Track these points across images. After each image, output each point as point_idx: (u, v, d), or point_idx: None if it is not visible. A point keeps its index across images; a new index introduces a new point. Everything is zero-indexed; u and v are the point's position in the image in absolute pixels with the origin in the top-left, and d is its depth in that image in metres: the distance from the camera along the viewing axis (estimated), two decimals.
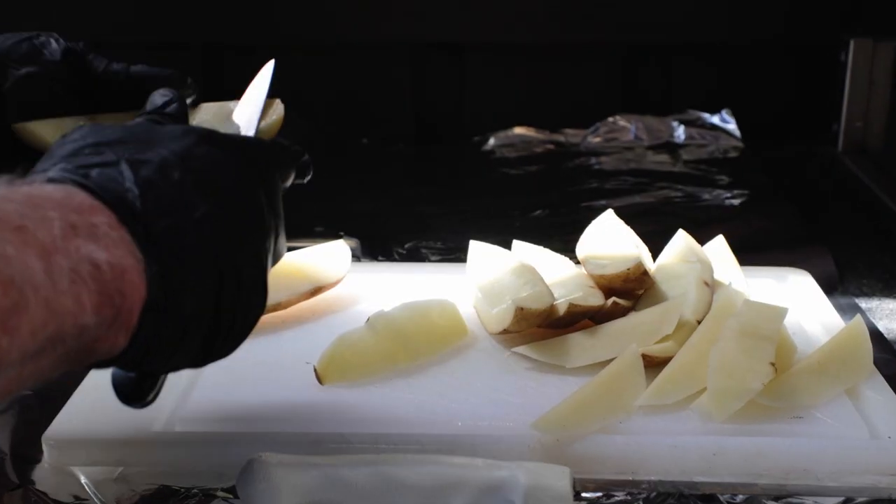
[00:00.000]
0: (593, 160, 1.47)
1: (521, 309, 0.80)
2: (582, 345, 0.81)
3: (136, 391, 0.56)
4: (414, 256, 1.12)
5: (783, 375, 0.75)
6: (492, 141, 1.55)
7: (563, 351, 0.80)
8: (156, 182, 0.53)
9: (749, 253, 0.97)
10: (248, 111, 0.71)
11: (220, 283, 0.54)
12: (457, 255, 1.08)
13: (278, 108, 0.72)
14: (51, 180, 0.52)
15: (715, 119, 1.55)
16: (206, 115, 0.72)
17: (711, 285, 0.86)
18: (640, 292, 0.87)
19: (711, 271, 0.88)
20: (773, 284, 0.96)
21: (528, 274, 0.85)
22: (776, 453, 0.69)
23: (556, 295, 0.84)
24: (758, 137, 1.53)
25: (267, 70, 0.73)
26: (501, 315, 0.82)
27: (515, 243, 0.96)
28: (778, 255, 1.06)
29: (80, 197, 0.50)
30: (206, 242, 0.54)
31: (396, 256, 1.12)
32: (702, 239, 0.93)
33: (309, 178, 0.68)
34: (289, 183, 0.65)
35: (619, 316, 0.84)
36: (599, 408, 0.72)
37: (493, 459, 0.66)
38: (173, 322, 0.52)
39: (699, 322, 0.81)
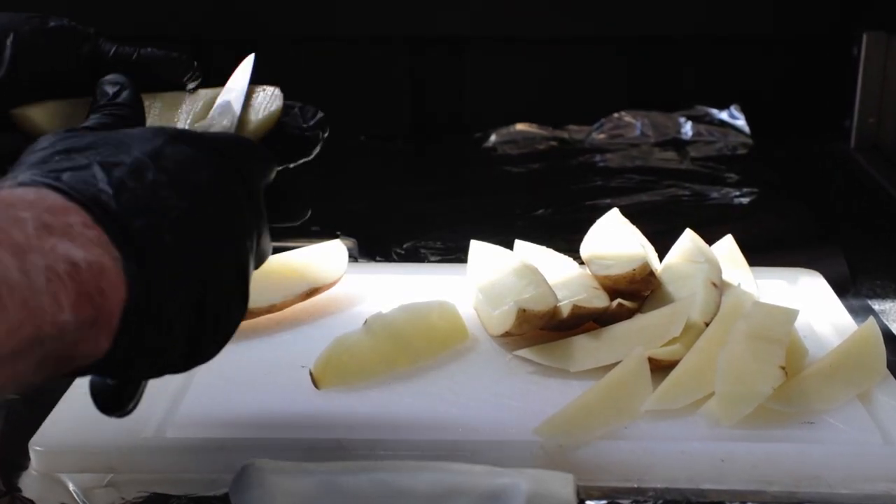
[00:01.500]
0: (598, 157, 1.47)
1: (524, 311, 0.80)
2: (586, 348, 0.81)
3: (115, 399, 0.57)
4: (413, 257, 1.12)
5: (794, 379, 0.75)
6: (493, 137, 1.55)
7: (567, 354, 0.80)
8: (129, 182, 0.53)
9: (759, 253, 0.98)
10: (229, 101, 0.71)
11: (202, 283, 0.54)
12: (457, 255, 1.08)
13: (277, 98, 0.72)
14: (21, 184, 0.52)
15: (723, 115, 1.55)
16: (199, 102, 0.72)
17: (720, 286, 0.86)
18: (647, 294, 0.87)
19: (720, 272, 0.88)
20: (784, 285, 0.96)
21: (531, 275, 0.85)
22: (786, 460, 0.69)
23: (559, 296, 0.84)
24: (768, 134, 1.53)
25: (248, 62, 0.73)
26: (503, 317, 0.82)
27: (517, 243, 0.96)
28: (788, 255, 1.06)
29: (53, 197, 0.50)
30: (185, 241, 0.54)
31: (395, 257, 1.12)
32: (710, 238, 0.94)
33: (314, 152, 0.70)
34: (271, 177, 0.65)
35: (625, 318, 0.84)
36: (604, 413, 0.72)
37: (494, 466, 0.66)
38: (156, 322, 0.52)
39: (707, 324, 0.81)
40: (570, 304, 0.82)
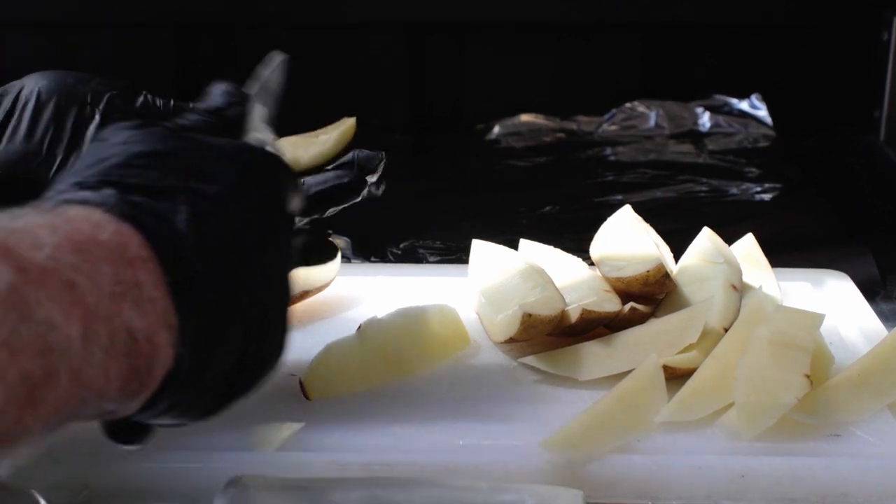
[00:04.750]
0: (609, 151, 1.47)
1: (529, 315, 0.80)
2: (596, 355, 0.81)
3: (128, 432, 0.57)
4: (410, 257, 1.12)
5: (819, 389, 0.75)
6: (496, 129, 1.55)
7: (576, 362, 0.80)
8: (211, 227, 0.53)
9: (781, 253, 0.98)
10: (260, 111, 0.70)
11: (243, 347, 0.55)
12: (458, 255, 1.08)
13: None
14: (96, 204, 0.51)
15: (743, 105, 1.55)
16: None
17: (740, 289, 0.86)
18: (661, 297, 0.87)
19: (740, 274, 0.88)
20: (808, 288, 0.96)
21: (537, 277, 0.85)
22: (811, 475, 0.69)
23: (567, 300, 0.84)
24: (791, 125, 1.53)
25: (275, 63, 0.71)
26: (507, 322, 0.82)
27: (522, 242, 0.96)
28: (813, 255, 1.07)
29: (134, 245, 0.50)
30: (243, 299, 0.54)
31: (391, 257, 1.12)
32: (729, 238, 0.93)
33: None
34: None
35: (638, 323, 0.84)
36: (616, 425, 0.72)
37: (498, 482, 0.66)
38: (191, 389, 0.53)
39: (726, 330, 0.81)
40: (579, 308, 0.82)
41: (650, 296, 0.86)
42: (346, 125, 0.80)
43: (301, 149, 0.78)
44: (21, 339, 0.42)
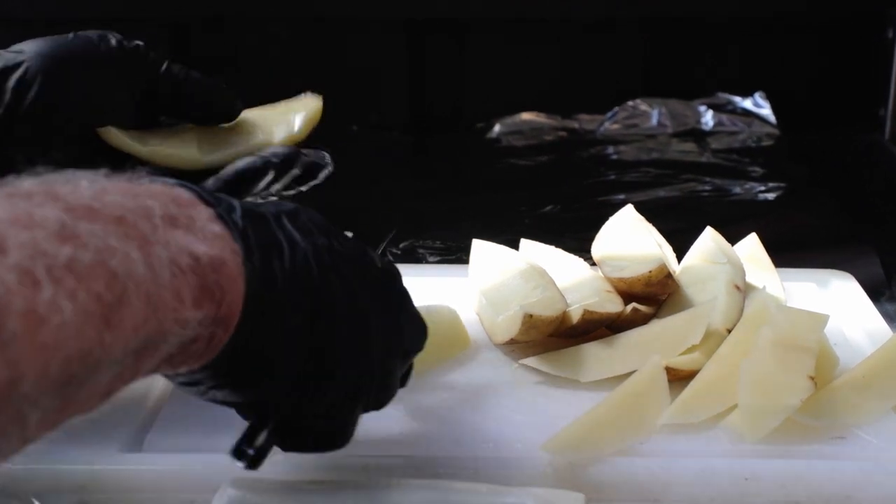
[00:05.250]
0: (611, 149, 1.47)
1: (530, 316, 0.80)
2: (598, 356, 0.81)
3: (243, 443, 0.60)
4: (410, 257, 1.12)
5: (823, 391, 0.75)
6: (497, 128, 1.55)
7: (577, 363, 0.80)
8: (256, 208, 0.58)
9: (785, 253, 0.98)
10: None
11: (314, 308, 0.58)
12: (458, 255, 1.08)
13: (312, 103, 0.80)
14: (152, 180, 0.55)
15: (747, 103, 1.55)
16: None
17: (743, 289, 0.86)
18: (664, 298, 0.87)
19: (743, 274, 0.88)
20: (813, 288, 0.96)
21: (538, 277, 0.85)
22: (815, 478, 0.69)
23: (568, 300, 0.84)
24: (795, 124, 1.53)
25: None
26: (508, 323, 0.82)
27: (523, 242, 0.96)
28: (818, 255, 1.07)
29: (179, 191, 0.53)
30: (301, 272, 0.58)
31: (390, 257, 1.12)
32: (732, 237, 0.93)
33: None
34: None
35: (640, 324, 0.84)
36: (617, 427, 0.72)
37: (498, 485, 0.66)
38: (271, 326, 0.56)
39: (729, 331, 0.81)
40: (580, 308, 0.82)
41: (653, 296, 0.86)
42: (313, 109, 0.81)
43: (273, 125, 0.80)
44: (83, 265, 0.44)
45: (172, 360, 0.52)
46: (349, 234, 0.73)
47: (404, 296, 0.66)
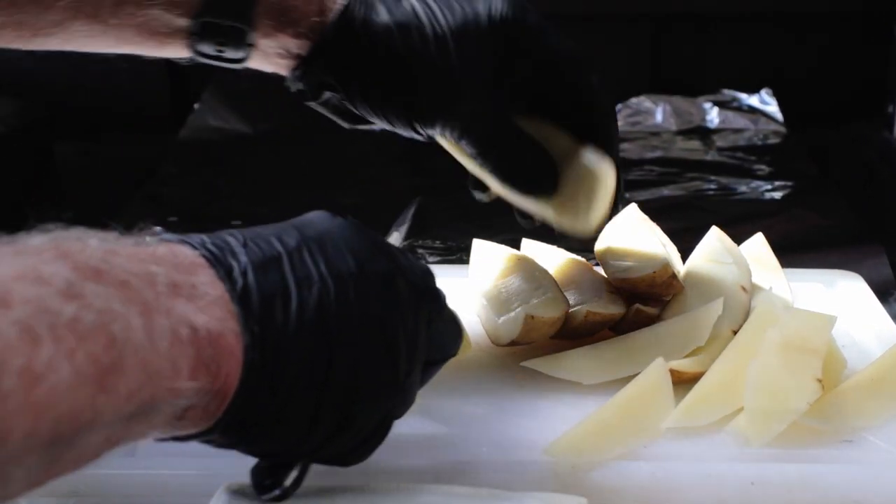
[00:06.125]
0: None
1: (532, 317, 0.80)
2: (601, 358, 0.81)
3: (269, 479, 0.60)
4: None
5: (831, 394, 0.75)
6: None
7: (580, 366, 0.80)
8: (262, 245, 0.57)
9: (792, 253, 0.98)
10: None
11: (328, 353, 0.57)
12: (458, 255, 1.08)
13: None
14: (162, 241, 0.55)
15: (753, 100, 1.55)
16: None
17: (749, 291, 0.86)
18: (668, 298, 0.87)
19: (749, 274, 0.88)
20: (820, 289, 0.96)
21: (540, 278, 0.85)
22: (823, 482, 0.69)
23: (571, 301, 0.84)
24: (802, 121, 1.53)
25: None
26: (509, 324, 0.82)
27: (525, 242, 0.96)
28: (825, 255, 1.07)
29: (183, 253, 0.54)
30: (311, 310, 0.56)
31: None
32: (738, 237, 0.93)
33: None
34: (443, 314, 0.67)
35: (643, 325, 0.84)
36: (621, 431, 0.72)
37: (499, 489, 0.66)
38: (274, 392, 0.55)
39: (735, 333, 0.81)
40: (583, 310, 0.82)
41: (657, 297, 0.86)
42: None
43: None
44: (84, 326, 0.45)
45: (166, 427, 0.52)
46: (397, 237, 0.73)
47: (439, 304, 0.65)
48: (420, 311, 0.62)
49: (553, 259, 0.92)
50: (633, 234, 0.91)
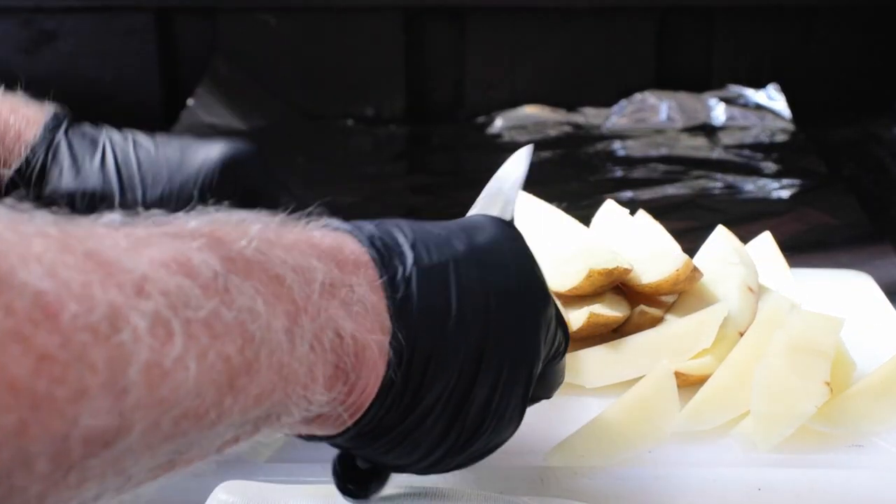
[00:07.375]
0: (618, 144, 1.48)
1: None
2: (604, 361, 0.81)
3: (357, 483, 0.60)
4: None
5: (840, 397, 0.75)
6: (498, 122, 1.55)
7: (583, 368, 0.80)
8: (434, 254, 0.56)
9: (800, 252, 0.98)
10: (501, 188, 0.78)
11: (472, 385, 0.56)
12: None
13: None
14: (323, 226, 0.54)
15: (760, 96, 1.56)
16: None
17: (756, 291, 0.86)
18: (671, 301, 0.87)
19: (756, 275, 0.88)
20: (829, 290, 0.96)
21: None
22: (832, 488, 0.69)
23: (577, 267, 0.83)
24: (810, 118, 1.53)
25: (525, 151, 0.78)
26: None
27: (526, 197, 0.95)
28: (834, 255, 1.07)
29: (350, 247, 0.53)
30: (469, 339, 0.55)
31: None
32: (745, 237, 0.94)
33: None
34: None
35: (648, 327, 0.84)
36: (625, 435, 0.72)
37: (499, 494, 0.66)
38: (409, 406, 0.54)
39: (742, 334, 0.81)
40: (585, 312, 0.82)
41: (679, 295, 0.86)
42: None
43: None
44: (222, 324, 0.44)
45: (292, 428, 0.52)
46: (515, 185, 0.72)
47: (566, 345, 0.64)
48: (557, 348, 0.62)
49: (551, 224, 0.92)
50: (638, 236, 0.91)
